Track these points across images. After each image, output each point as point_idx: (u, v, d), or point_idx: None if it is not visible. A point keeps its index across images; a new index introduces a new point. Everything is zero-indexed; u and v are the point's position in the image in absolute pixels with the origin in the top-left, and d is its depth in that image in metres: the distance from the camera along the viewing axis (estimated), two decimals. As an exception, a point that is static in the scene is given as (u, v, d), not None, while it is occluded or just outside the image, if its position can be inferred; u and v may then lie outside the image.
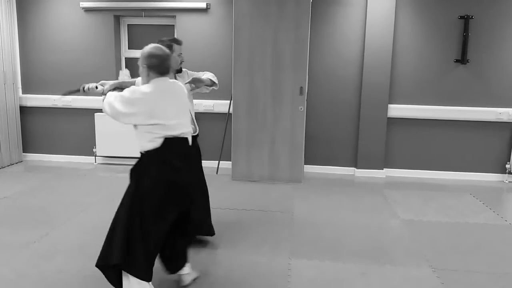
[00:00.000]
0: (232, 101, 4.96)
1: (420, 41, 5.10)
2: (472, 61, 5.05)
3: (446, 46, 5.07)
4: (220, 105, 5.37)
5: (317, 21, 5.15)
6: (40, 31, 5.55)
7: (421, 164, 5.34)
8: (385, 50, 5.06)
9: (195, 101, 5.41)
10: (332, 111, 5.32)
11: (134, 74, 5.76)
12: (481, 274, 2.87)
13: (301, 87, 4.77)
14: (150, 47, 2.48)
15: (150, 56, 2.42)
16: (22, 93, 5.71)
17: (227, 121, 5.30)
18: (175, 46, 3.06)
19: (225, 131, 5.33)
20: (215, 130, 5.42)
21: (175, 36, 5.45)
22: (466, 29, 4.96)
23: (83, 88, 2.71)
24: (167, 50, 2.51)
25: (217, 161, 5.39)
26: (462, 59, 5.02)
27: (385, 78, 5.11)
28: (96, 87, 2.69)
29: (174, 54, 3.02)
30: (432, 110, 5.18)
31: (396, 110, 5.23)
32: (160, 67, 2.42)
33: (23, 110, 5.73)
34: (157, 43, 2.88)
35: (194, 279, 2.70)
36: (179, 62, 3.11)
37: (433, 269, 2.92)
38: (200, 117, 5.42)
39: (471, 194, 4.63)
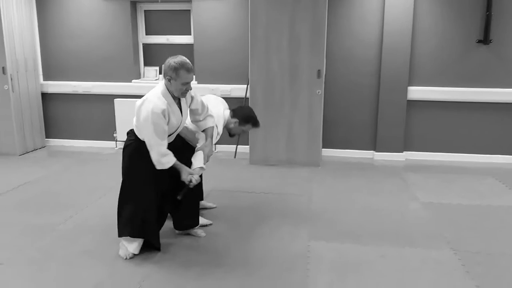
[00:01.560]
0: (249, 86, 4.95)
1: (441, 21, 4.98)
2: (495, 41, 4.90)
3: (468, 26, 4.94)
4: (237, 90, 5.37)
5: (334, 2, 5.06)
6: (59, 18, 5.61)
7: (442, 147, 5.27)
8: (404, 31, 4.95)
9: (212, 86, 5.45)
10: (350, 94, 5.27)
11: (152, 61, 5.81)
12: (503, 256, 2.84)
13: (319, 70, 4.72)
14: None
15: None
16: (43, 80, 5.81)
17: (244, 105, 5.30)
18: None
19: (243, 116, 5.33)
20: (233, 115, 5.43)
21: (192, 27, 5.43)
22: (489, 8, 4.81)
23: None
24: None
25: (235, 146, 5.42)
26: (485, 39, 4.88)
27: (404, 60, 5.02)
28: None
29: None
30: (453, 92, 5.08)
31: (416, 92, 5.14)
32: None
33: (45, 96, 5.83)
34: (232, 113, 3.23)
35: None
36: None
37: (454, 252, 2.90)
38: (217, 102, 5.45)
39: (493, 177, 4.55)
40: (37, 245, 2.96)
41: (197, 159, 2.83)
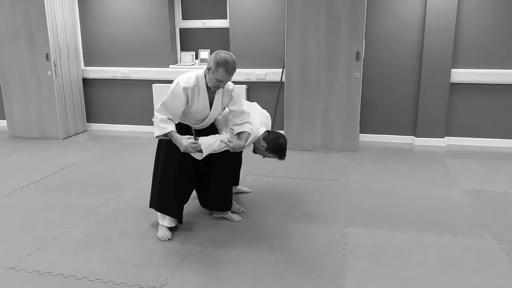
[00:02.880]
0: (284, 69, 4.89)
1: (489, -1, 4.71)
2: (548, 19, 4.60)
3: (519, 3, 4.65)
4: (273, 74, 5.33)
5: (374, -18, 4.89)
6: (98, 5, 5.72)
7: (486, 132, 5.04)
8: (449, 11, 4.72)
9: (248, 70, 5.43)
10: (390, 77, 5.11)
11: (189, 46, 5.84)
12: (552, 248, 2.70)
13: (358, 52, 4.60)
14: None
15: None
16: (84, 66, 5.98)
17: (279, 90, 5.26)
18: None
19: (278, 100, 5.30)
20: (268, 99, 5.40)
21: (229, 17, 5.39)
22: (543, -17, 4.51)
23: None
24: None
25: (271, 130, 5.39)
26: (537, 17, 4.59)
27: (448, 41, 4.80)
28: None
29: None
30: (500, 74, 4.82)
31: (460, 75, 4.92)
32: None
33: (86, 82, 6.01)
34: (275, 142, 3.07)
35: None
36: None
37: (498, 241, 2.79)
38: (252, 87, 5.45)
39: (542, 164, 4.33)
40: (80, 226, 3.09)
41: (207, 141, 2.77)
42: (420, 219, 3.13)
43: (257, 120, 3.13)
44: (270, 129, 3.26)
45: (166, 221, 2.92)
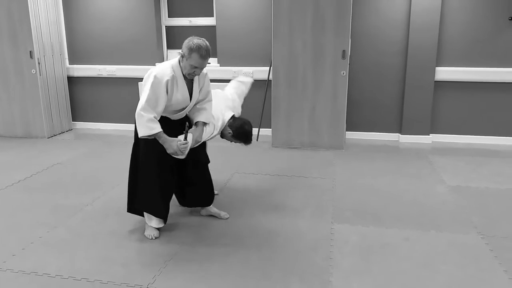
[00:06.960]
0: (271, 67, 4.91)
1: (472, -2, 4.79)
2: (530, 18, 4.69)
3: (500, 2, 4.73)
4: (260, 72, 5.33)
5: (360, -19, 4.93)
6: (83, 1, 5.65)
7: (471, 129, 5.12)
8: (433, 9, 4.78)
9: (235, 68, 5.43)
10: (376, 75, 5.16)
11: (175, 44, 5.81)
12: (533, 242, 2.76)
13: (344, 51, 4.63)
14: None
15: None
16: (69, 64, 5.90)
17: (266, 88, 5.27)
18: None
19: (265, 98, 5.31)
20: (255, 97, 5.40)
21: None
22: (524, -17, 4.60)
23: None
24: None
25: (257, 128, 5.41)
26: (519, 16, 4.68)
27: (432, 39, 4.86)
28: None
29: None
30: (483, 72, 4.90)
31: (444, 73, 4.99)
32: None
33: (71, 80, 5.93)
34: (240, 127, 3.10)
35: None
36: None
37: (482, 236, 2.84)
38: (240, 84, 5.43)
39: (524, 160, 4.42)
40: (66, 225, 3.05)
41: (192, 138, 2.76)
42: (405, 215, 3.17)
43: (220, 106, 3.11)
44: (240, 111, 3.30)
45: (153, 222, 2.88)
